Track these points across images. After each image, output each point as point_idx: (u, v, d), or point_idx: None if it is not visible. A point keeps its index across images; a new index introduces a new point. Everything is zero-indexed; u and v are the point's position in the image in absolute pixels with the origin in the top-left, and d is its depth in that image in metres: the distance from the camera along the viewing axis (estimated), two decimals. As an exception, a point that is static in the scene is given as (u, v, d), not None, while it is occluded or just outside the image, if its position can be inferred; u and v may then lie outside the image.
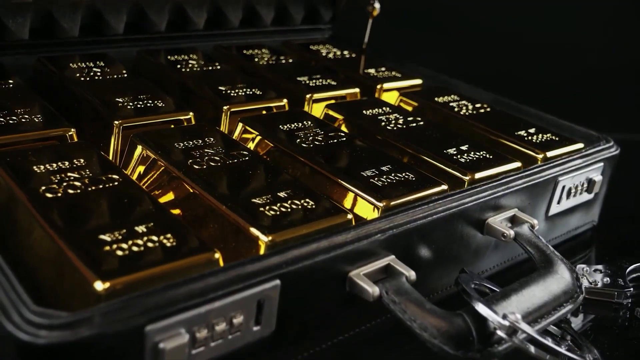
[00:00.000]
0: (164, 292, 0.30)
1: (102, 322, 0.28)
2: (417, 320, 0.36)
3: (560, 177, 0.51)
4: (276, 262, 0.34)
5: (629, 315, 0.47)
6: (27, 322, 0.28)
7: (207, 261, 0.34)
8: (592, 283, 0.49)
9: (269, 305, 0.34)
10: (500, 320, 0.36)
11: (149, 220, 0.36)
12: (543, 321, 0.39)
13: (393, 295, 0.37)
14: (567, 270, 0.42)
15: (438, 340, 0.35)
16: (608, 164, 0.56)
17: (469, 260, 0.47)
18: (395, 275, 0.38)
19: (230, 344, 0.33)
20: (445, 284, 0.46)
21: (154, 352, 0.30)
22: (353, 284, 0.37)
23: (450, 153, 0.52)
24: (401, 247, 0.40)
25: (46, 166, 0.41)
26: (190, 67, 0.65)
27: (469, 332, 0.36)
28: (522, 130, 0.58)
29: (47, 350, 0.28)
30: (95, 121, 0.52)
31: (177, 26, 0.75)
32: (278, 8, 0.83)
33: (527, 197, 0.49)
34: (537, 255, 0.44)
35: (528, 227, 0.46)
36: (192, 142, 0.47)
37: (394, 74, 0.71)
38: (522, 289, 0.40)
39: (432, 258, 0.43)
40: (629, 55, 0.69)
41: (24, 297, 0.29)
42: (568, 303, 0.41)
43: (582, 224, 0.59)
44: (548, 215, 0.53)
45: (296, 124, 0.53)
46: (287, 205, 0.40)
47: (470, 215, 0.45)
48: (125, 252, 0.33)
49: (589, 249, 0.58)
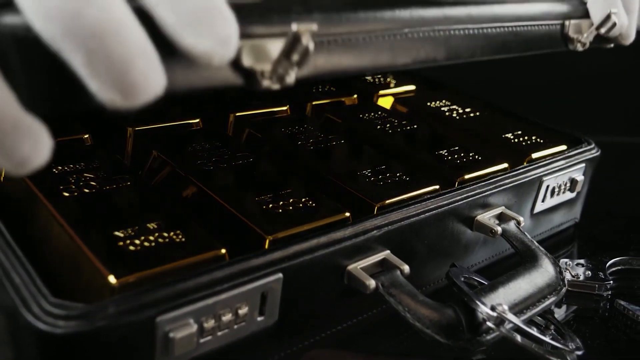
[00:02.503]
0: (174, 285, 0.30)
1: (115, 313, 0.28)
2: (410, 311, 0.36)
3: (545, 177, 0.51)
4: (278, 256, 0.34)
5: (608, 306, 0.47)
6: (46, 313, 0.28)
7: (214, 257, 0.34)
8: (574, 276, 0.49)
9: (272, 297, 0.34)
10: (488, 311, 0.36)
11: (160, 218, 0.36)
12: (528, 312, 0.39)
13: (388, 288, 0.37)
14: (551, 264, 0.42)
15: (430, 330, 0.35)
16: (589, 165, 0.56)
17: (459, 255, 0.47)
18: (390, 269, 0.38)
19: (235, 333, 0.33)
20: (437, 277, 0.46)
21: (164, 341, 0.30)
22: (351, 277, 0.37)
23: (441, 154, 0.52)
24: (396, 243, 0.40)
25: (64, 167, 0.41)
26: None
27: (459, 322, 0.36)
28: (509, 133, 0.58)
29: (64, 339, 0.28)
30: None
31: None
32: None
33: (513, 196, 0.49)
34: (523, 250, 0.44)
35: (514, 224, 0.46)
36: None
37: (388, 81, 0.71)
38: (509, 282, 0.40)
39: (424, 253, 0.43)
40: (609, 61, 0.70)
41: (43, 289, 0.29)
42: (552, 295, 0.41)
43: (565, 221, 0.59)
44: (533, 212, 0.53)
45: (297, 127, 0.53)
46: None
47: (460, 212, 0.45)
48: (137, 248, 0.33)
49: (571, 244, 0.58)
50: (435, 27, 0.36)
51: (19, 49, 0.22)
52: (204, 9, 0.24)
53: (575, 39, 0.48)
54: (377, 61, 0.34)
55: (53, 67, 0.22)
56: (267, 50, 0.28)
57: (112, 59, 0.21)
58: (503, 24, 0.42)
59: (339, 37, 0.31)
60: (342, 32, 0.31)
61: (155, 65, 0.23)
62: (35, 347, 0.28)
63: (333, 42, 0.31)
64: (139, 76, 0.22)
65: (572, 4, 0.47)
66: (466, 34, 0.39)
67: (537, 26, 0.45)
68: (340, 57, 0.32)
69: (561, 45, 0.48)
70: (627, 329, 0.45)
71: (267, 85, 0.28)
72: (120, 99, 0.22)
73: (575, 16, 0.48)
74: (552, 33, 0.47)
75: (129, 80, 0.22)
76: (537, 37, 0.45)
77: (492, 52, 0.42)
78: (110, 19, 0.21)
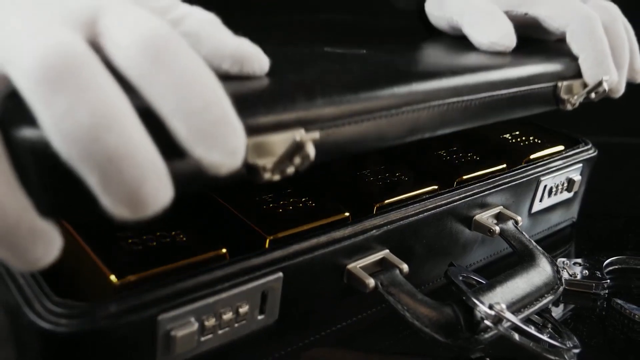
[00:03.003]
0: (175, 284, 0.30)
1: (117, 312, 0.28)
2: (409, 310, 0.36)
3: (542, 177, 0.51)
4: (279, 255, 0.34)
5: (605, 305, 0.47)
6: (49, 312, 0.28)
7: (215, 257, 0.34)
8: (571, 275, 0.49)
9: (273, 296, 0.34)
10: (486, 310, 0.36)
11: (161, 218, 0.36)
12: (526, 311, 0.39)
13: (387, 287, 0.37)
14: (549, 264, 0.42)
15: (429, 328, 0.35)
16: (587, 165, 0.56)
17: (458, 254, 0.47)
18: (389, 268, 0.38)
19: (236, 331, 0.33)
20: (435, 276, 0.46)
21: (165, 339, 0.30)
22: (350, 276, 0.37)
23: (440, 155, 0.52)
24: (395, 242, 0.40)
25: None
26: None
27: (458, 321, 0.36)
28: (508, 134, 0.58)
29: (67, 338, 0.28)
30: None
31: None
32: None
33: (511, 196, 0.49)
34: (521, 249, 0.44)
35: (512, 224, 0.46)
36: None
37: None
38: (507, 281, 0.40)
39: (423, 252, 0.43)
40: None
41: (45, 289, 0.29)
42: (549, 294, 0.41)
43: (562, 221, 0.59)
44: (531, 212, 0.53)
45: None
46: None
47: (459, 212, 0.44)
48: (139, 248, 0.33)
49: (568, 243, 0.58)
50: (433, 103, 0.37)
51: (36, 161, 0.23)
52: (216, 122, 0.24)
53: (566, 100, 0.48)
54: (374, 139, 0.34)
55: (68, 179, 0.22)
56: (271, 147, 0.28)
57: (125, 181, 0.22)
58: (500, 91, 0.42)
59: (342, 121, 0.32)
60: (345, 114, 0.32)
61: (165, 181, 0.23)
62: (38, 346, 0.28)
63: (334, 126, 0.32)
64: (149, 194, 0.23)
65: (564, 63, 0.48)
66: (462, 105, 0.39)
67: (531, 90, 0.45)
68: (341, 141, 0.32)
69: (552, 105, 0.48)
70: (624, 328, 0.45)
71: (268, 177, 0.28)
72: (130, 213, 0.23)
73: (568, 76, 0.48)
74: (545, 95, 0.47)
75: (139, 199, 0.23)
76: (530, 100, 0.46)
77: (487, 118, 0.42)
78: (127, 144, 0.22)
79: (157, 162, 0.23)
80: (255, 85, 0.30)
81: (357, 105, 0.32)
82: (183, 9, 0.30)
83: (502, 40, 0.47)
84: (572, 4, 0.49)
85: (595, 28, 0.47)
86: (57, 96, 0.21)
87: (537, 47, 0.50)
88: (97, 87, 0.22)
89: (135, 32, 0.24)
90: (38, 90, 0.22)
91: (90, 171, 0.22)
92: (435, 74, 0.38)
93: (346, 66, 0.37)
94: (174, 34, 0.25)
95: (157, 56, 0.24)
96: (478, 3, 0.51)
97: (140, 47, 0.24)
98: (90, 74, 0.22)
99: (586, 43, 0.47)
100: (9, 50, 0.23)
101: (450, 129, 0.39)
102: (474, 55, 0.46)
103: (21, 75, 0.22)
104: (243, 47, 0.30)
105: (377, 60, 0.40)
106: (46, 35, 0.22)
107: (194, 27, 0.29)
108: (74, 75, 0.22)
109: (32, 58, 0.22)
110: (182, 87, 0.24)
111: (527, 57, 0.46)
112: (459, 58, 0.45)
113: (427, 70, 0.38)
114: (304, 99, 0.30)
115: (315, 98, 0.30)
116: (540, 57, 0.47)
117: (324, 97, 0.31)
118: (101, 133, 0.21)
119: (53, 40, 0.22)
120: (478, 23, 0.49)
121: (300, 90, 0.30)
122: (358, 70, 0.36)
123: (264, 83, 0.30)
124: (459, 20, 0.51)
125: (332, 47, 0.43)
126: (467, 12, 0.50)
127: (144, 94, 0.24)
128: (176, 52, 0.24)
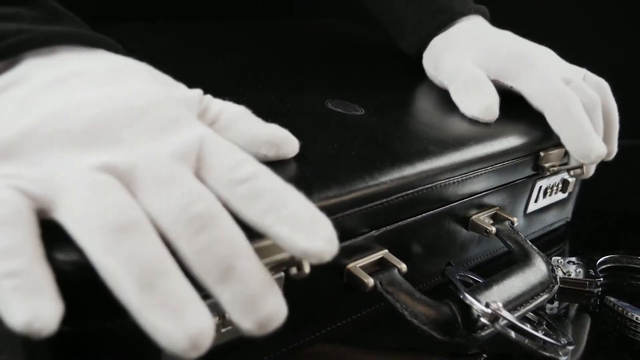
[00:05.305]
0: (179, 284, 0.30)
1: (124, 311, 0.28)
2: (408, 308, 0.35)
3: (538, 179, 0.51)
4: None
5: (599, 302, 0.47)
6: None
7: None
8: (566, 274, 0.48)
9: (274, 295, 0.34)
10: (483, 308, 0.35)
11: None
12: (522, 309, 0.38)
13: (386, 286, 0.37)
14: (544, 263, 0.42)
15: (427, 326, 0.35)
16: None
17: (455, 254, 0.47)
18: (388, 267, 0.38)
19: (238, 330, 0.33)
20: (433, 275, 0.46)
21: (170, 338, 0.29)
22: (350, 276, 0.37)
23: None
24: (394, 242, 0.39)
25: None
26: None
27: (455, 319, 0.35)
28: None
29: (75, 337, 0.27)
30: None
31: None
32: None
33: (507, 197, 0.48)
34: (517, 249, 0.44)
35: (508, 224, 0.46)
36: None
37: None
38: (503, 279, 0.39)
39: (421, 252, 0.43)
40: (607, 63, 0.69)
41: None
42: (544, 292, 0.40)
43: (557, 220, 0.58)
44: (526, 212, 0.52)
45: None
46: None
47: (456, 213, 0.44)
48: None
49: (563, 242, 0.57)
50: (429, 184, 0.39)
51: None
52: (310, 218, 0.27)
53: (546, 168, 0.49)
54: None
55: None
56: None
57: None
58: (486, 164, 0.44)
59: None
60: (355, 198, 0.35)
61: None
62: (46, 345, 0.28)
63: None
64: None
65: (545, 131, 0.48)
66: (452, 182, 0.41)
67: (515, 159, 0.47)
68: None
69: (531, 172, 0.50)
70: (616, 325, 0.45)
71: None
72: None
73: (548, 145, 0.49)
74: (527, 164, 0.48)
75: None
76: (513, 170, 0.47)
77: (474, 191, 0.44)
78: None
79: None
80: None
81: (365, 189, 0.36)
82: (216, 106, 0.32)
83: (484, 115, 0.47)
84: (551, 84, 0.49)
85: (571, 109, 0.47)
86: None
87: (520, 114, 0.50)
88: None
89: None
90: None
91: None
92: (430, 153, 0.40)
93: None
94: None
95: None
96: (468, 68, 0.51)
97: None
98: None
99: (561, 123, 0.48)
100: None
101: (440, 206, 0.42)
102: (458, 124, 0.47)
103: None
104: (277, 133, 0.33)
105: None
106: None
107: (231, 120, 0.32)
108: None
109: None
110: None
111: (510, 127, 0.47)
112: (444, 130, 0.45)
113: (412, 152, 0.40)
114: (320, 186, 0.34)
115: (330, 187, 0.34)
116: (524, 127, 0.48)
117: (337, 183, 0.34)
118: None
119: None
120: (464, 93, 0.49)
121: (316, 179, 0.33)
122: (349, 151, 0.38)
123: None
124: (448, 86, 0.51)
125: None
126: (455, 79, 0.50)
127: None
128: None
